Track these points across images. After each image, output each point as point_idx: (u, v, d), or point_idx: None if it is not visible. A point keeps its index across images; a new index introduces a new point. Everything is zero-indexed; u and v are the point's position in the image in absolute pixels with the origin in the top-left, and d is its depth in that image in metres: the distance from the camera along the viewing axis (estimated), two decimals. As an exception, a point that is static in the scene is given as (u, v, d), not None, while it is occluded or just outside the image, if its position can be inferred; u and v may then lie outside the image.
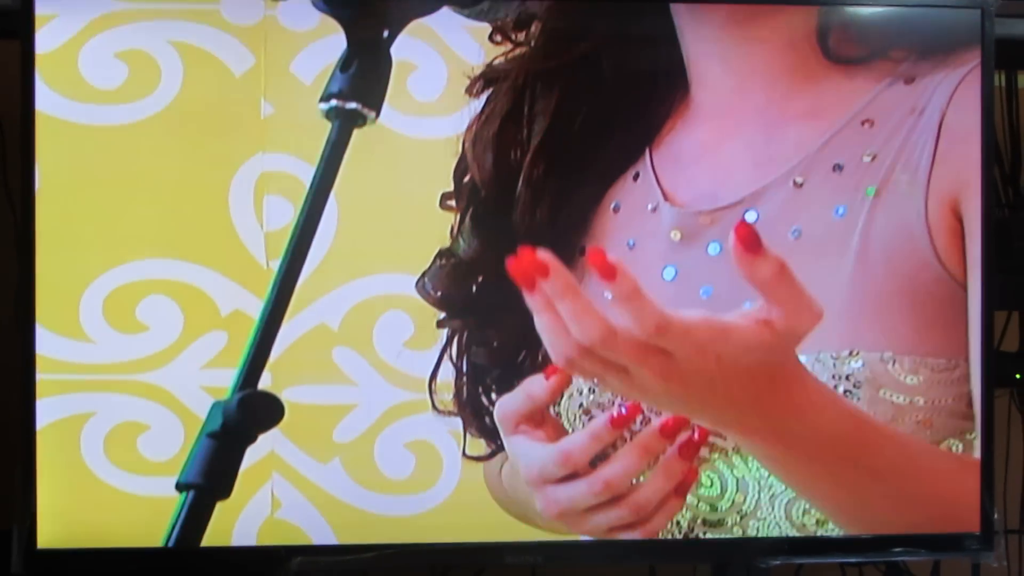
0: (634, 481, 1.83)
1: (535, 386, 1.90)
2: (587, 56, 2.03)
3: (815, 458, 1.74)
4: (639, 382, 1.57)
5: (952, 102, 1.99)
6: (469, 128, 2.03)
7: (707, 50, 2.02)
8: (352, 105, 1.34)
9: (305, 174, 1.96)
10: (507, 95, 2.03)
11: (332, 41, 1.83)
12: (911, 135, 1.99)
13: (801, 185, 2.01)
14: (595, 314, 1.50)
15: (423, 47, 2.00)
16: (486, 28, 2.00)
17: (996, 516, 2.10)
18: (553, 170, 2.03)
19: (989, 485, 2.08)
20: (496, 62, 2.03)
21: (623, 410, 1.83)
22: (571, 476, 1.83)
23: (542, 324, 1.53)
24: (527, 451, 1.86)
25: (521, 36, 2.02)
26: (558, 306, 1.52)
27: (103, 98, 2.01)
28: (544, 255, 1.47)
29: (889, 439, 1.88)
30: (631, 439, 1.85)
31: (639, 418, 1.89)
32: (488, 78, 2.03)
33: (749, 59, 2.00)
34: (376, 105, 1.34)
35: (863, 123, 2.00)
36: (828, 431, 1.72)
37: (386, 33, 1.38)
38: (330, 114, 1.32)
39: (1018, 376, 2.47)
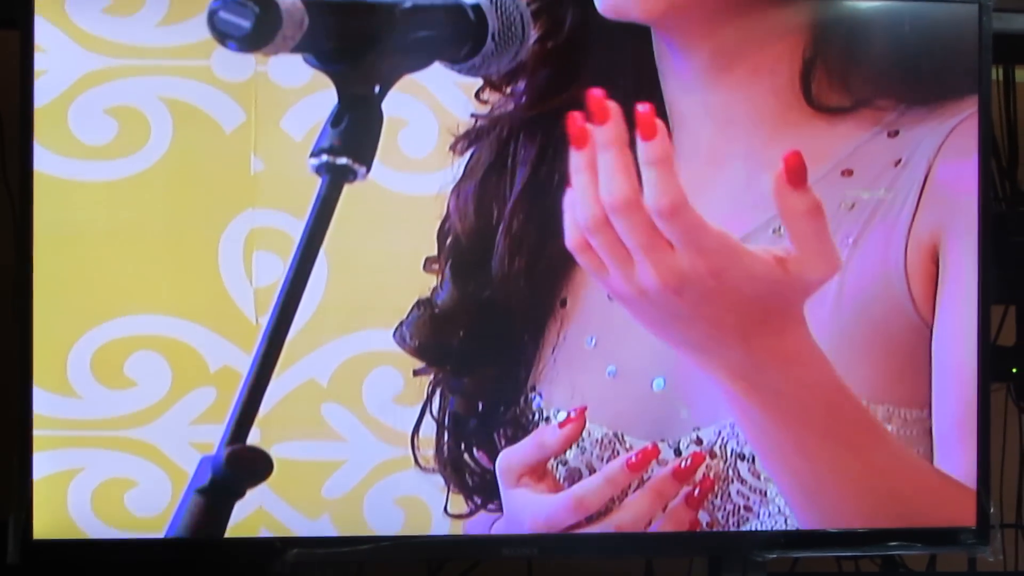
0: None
1: (547, 435, 1.90)
2: (569, 105, 2.03)
3: (786, 418, 1.72)
4: (638, 277, 1.56)
5: (940, 154, 1.99)
6: (455, 186, 2.03)
7: (688, 95, 2.01)
8: (343, 160, 1.33)
9: (295, 230, 1.95)
10: (491, 148, 2.03)
11: (323, 97, 1.83)
12: (893, 186, 1.99)
13: (780, 234, 2.01)
14: (630, 174, 1.51)
15: (414, 103, 2.01)
16: (478, 84, 2.01)
17: (992, 510, 2.09)
18: (533, 220, 2.03)
19: (985, 480, 2.08)
20: (480, 119, 2.03)
21: (634, 456, 1.83)
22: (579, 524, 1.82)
23: (578, 183, 1.56)
24: (532, 502, 1.85)
25: (508, 89, 2.02)
26: (601, 157, 1.53)
27: (93, 154, 2.01)
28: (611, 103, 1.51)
29: (867, 421, 1.87)
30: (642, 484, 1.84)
31: (653, 463, 1.88)
32: (472, 136, 2.03)
33: (731, 105, 2.00)
34: (367, 160, 1.34)
35: (843, 173, 2.00)
36: (807, 392, 1.70)
37: (377, 88, 1.37)
38: (320, 169, 1.32)
39: (1014, 370, 2.47)
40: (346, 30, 1.37)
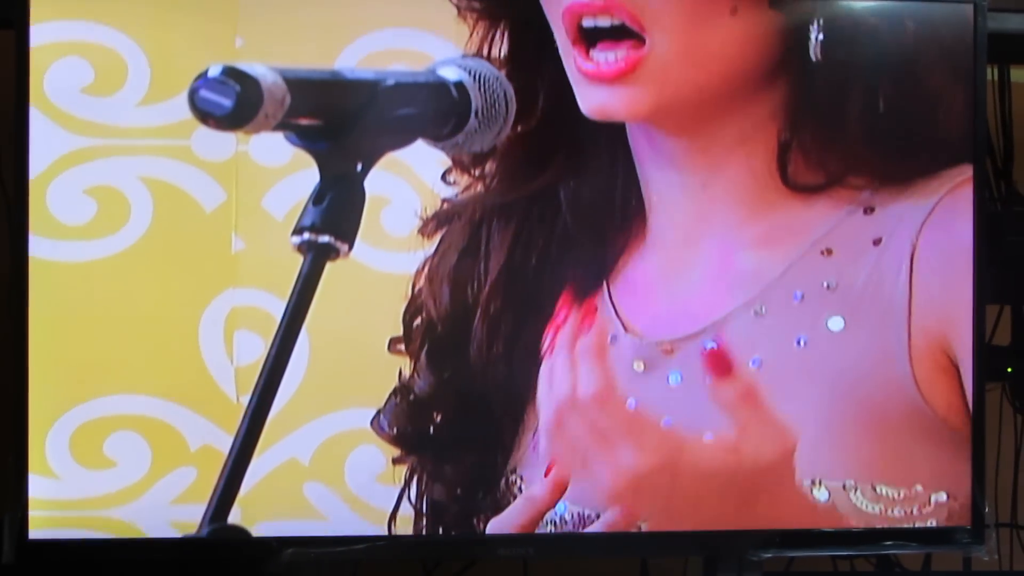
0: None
1: (534, 489, 1.90)
2: (544, 188, 2.03)
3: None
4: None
5: (923, 234, 1.99)
6: (421, 268, 2.03)
7: (665, 178, 2.02)
8: (325, 238, 1.33)
9: (276, 308, 1.96)
10: (463, 231, 2.03)
11: (305, 176, 1.82)
12: (877, 266, 2.00)
13: (761, 314, 2.01)
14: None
15: (397, 181, 2.01)
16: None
17: (987, 510, 2.08)
18: (510, 305, 2.03)
19: (980, 479, 2.07)
20: (449, 200, 2.03)
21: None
22: None
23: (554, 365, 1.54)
24: None
25: (478, 171, 2.02)
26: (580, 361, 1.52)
27: (72, 234, 2.00)
28: None
29: None
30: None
31: None
32: (442, 217, 2.03)
33: (708, 187, 2.01)
34: (349, 238, 1.34)
35: (822, 252, 2.01)
36: None
37: (360, 166, 1.38)
38: (302, 247, 1.32)
39: (1009, 370, 2.45)
40: (328, 108, 1.37)
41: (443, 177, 2.01)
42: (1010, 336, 2.51)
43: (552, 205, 2.03)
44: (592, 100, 1.93)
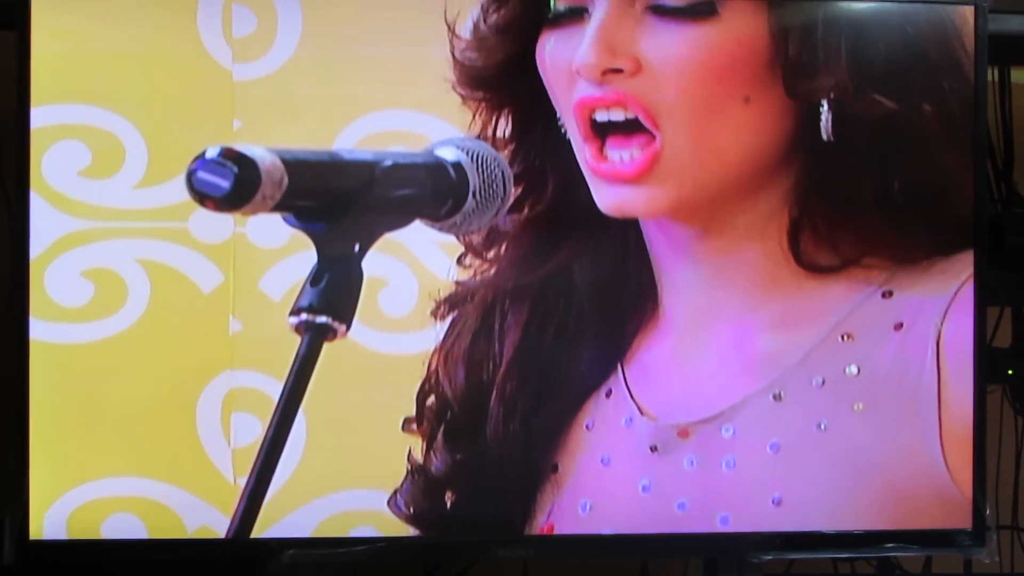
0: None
1: None
2: (558, 270, 2.03)
3: None
4: None
5: (948, 319, 1.97)
6: (436, 350, 2.02)
7: (677, 261, 2.02)
8: (322, 319, 1.32)
9: (274, 390, 1.95)
10: (477, 312, 2.03)
11: (302, 258, 1.84)
12: (901, 351, 1.98)
13: (781, 399, 2.00)
14: None
15: (394, 263, 2.01)
16: (458, 244, 2.02)
17: (988, 512, 2.07)
18: (526, 386, 2.02)
19: (981, 482, 2.05)
20: (462, 283, 2.03)
21: None
22: None
23: None
24: None
25: (491, 254, 2.02)
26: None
27: (70, 317, 2.00)
28: None
29: None
30: None
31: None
32: (454, 300, 2.03)
33: (720, 269, 2.00)
34: (347, 319, 1.33)
35: (842, 337, 2.00)
36: None
37: (357, 247, 1.37)
38: (300, 328, 1.31)
39: (1010, 372, 2.44)
40: (326, 189, 1.37)
41: (459, 260, 2.02)
42: (1011, 338, 2.50)
43: (567, 287, 2.03)
44: (609, 199, 1.94)
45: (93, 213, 2.00)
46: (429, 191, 1.46)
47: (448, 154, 1.50)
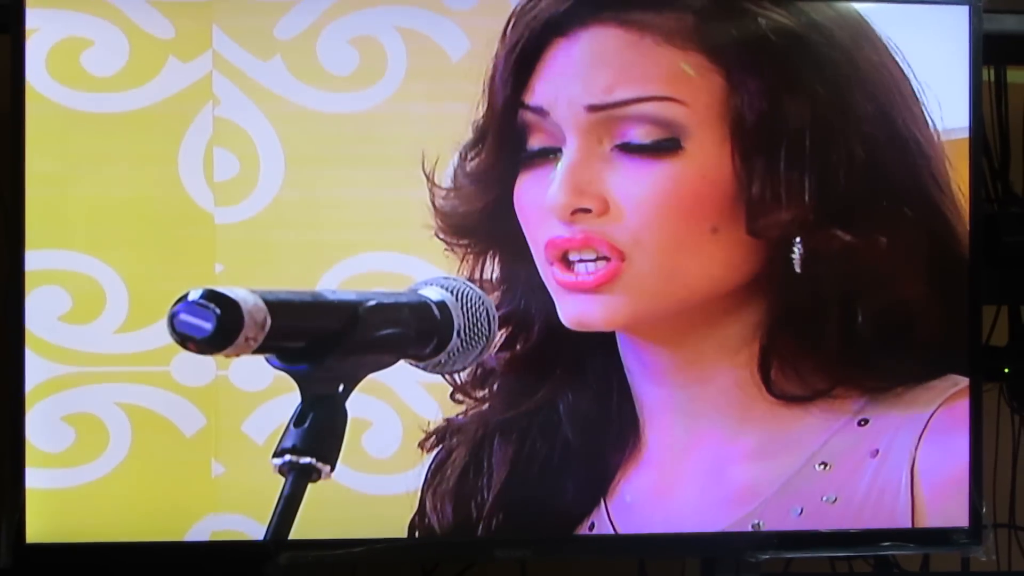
0: None
1: None
2: (544, 407, 2.02)
3: None
4: None
5: (921, 446, 1.97)
6: (426, 485, 2.01)
7: (656, 393, 2.01)
8: (306, 460, 1.31)
9: (256, 532, 1.93)
10: (466, 447, 2.02)
11: (285, 400, 1.83)
12: (876, 477, 1.97)
13: (760, 528, 1.99)
14: None
15: (378, 404, 2.00)
16: (443, 385, 2.01)
17: (984, 510, 2.05)
18: (512, 521, 2.00)
19: (978, 480, 2.04)
20: (452, 419, 2.02)
21: None
22: None
23: None
24: None
25: (480, 392, 2.02)
26: None
27: (51, 463, 1.98)
28: None
29: None
30: None
31: None
32: (443, 435, 2.02)
33: (697, 401, 2.00)
34: (331, 460, 1.32)
35: (819, 466, 1.99)
36: None
37: (341, 387, 1.36)
38: (283, 469, 1.29)
39: (1006, 371, 2.42)
40: (309, 330, 1.36)
41: (452, 396, 2.01)
42: (1007, 336, 2.49)
43: (553, 422, 2.02)
44: (570, 310, 1.93)
45: (74, 358, 1.99)
46: (413, 331, 1.45)
47: (432, 293, 1.49)
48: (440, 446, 2.02)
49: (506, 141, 1.95)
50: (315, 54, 2.02)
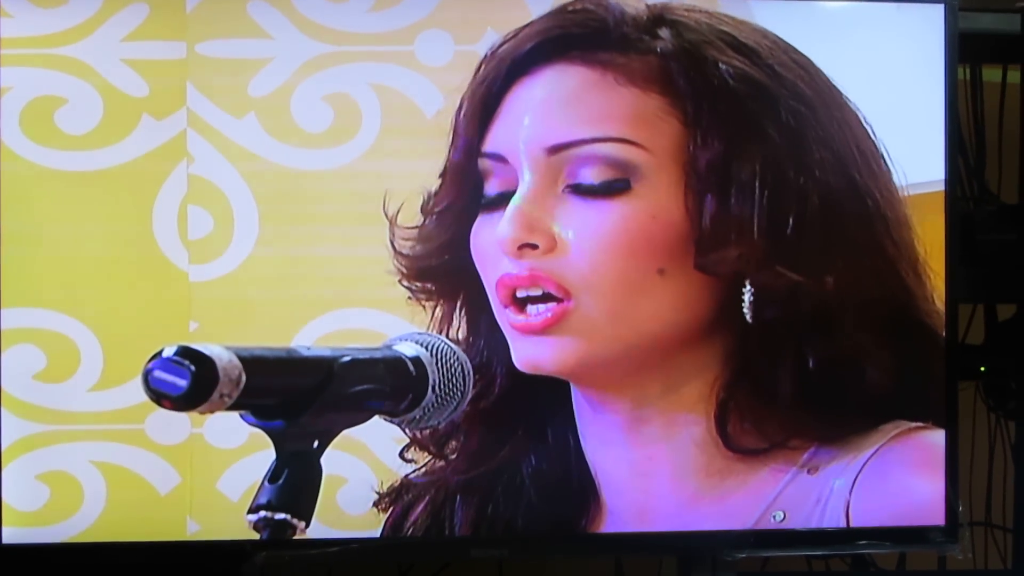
0: None
1: None
2: (504, 466, 2.01)
3: None
4: None
5: (855, 490, 1.96)
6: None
7: (610, 455, 1.99)
8: (281, 516, 1.31)
9: (231, 591, 1.93)
10: (427, 509, 2.01)
11: (260, 458, 1.82)
12: (821, 523, 1.98)
13: None
14: None
15: (353, 460, 1.99)
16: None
17: (961, 508, 2.05)
18: None
19: (954, 479, 2.03)
20: (411, 478, 2.02)
21: None
22: None
23: None
24: None
25: (441, 448, 2.00)
26: None
27: (24, 521, 1.98)
28: None
29: None
30: None
31: None
32: (402, 494, 2.02)
33: (652, 461, 1.97)
34: (306, 516, 1.32)
35: (776, 515, 1.99)
36: None
37: (316, 443, 1.36)
38: (258, 525, 1.29)
39: (983, 369, 2.42)
40: (284, 386, 1.36)
41: (401, 454, 2.00)
42: (983, 335, 2.49)
43: (515, 481, 2.01)
44: (522, 352, 1.91)
45: (48, 417, 1.99)
46: (388, 386, 1.45)
47: (407, 349, 1.49)
48: (396, 505, 2.01)
49: (466, 182, 1.94)
50: (289, 111, 2.03)
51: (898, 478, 2.01)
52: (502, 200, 1.91)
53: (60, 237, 2.01)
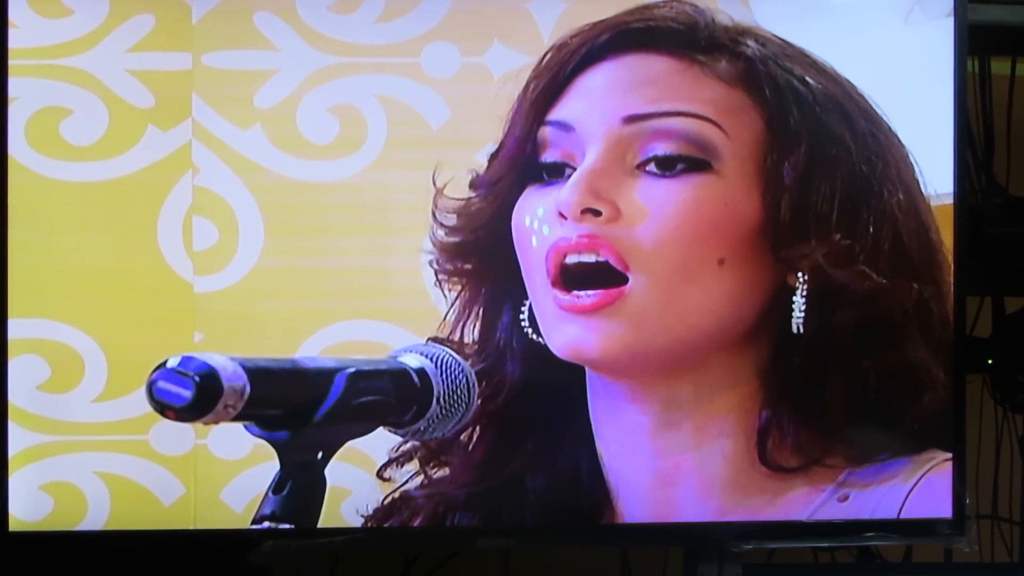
0: None
1: None
2: (511, 479, 2.00)
3: None
4: None
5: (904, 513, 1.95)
6: None
7: (632, 462, 1.96)
8: (285, 527, 1.31)
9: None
10: (428, 522, 2.00)
11: (264, 469, 1.82)
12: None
13: None
14: None
15: (358, 473, 1.99)
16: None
17: (968, 501, 2.03)
18: None
19: (961, 471, 2.02)
20: (409, 492, 2.00)
21: None
22: None
23: None
24: None
25: (443, 460, 2.00)
26: None
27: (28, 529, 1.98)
28: None
29: None
30: None
31: None
32: (393, 509, 2.00)
33: (676, 470, 1.95)
34: (310, 526, 1.32)
35: None
36: None
37: (320, 455, 1.36)
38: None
39: (990, 362, 2.40)
40: (288, 397, 1.36)
41: (378, 473, 1.99)
42: (991, 328, 2.48)
43: (520, 497, 1.99)
44: (565, 336, 1.87)
45: (52, 427, 1.99)
46: (393, 398, 1.45)
47: (412, 361, 1.50)
48: (391, 521, 2.00)
49: (521, 155, 1.91)
50: (295, 123, 2.03)
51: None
52: (558, 170, 1.88)
53: (65, 248, 2.01)
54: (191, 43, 2.02)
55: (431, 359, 1.50)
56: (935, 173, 2.02)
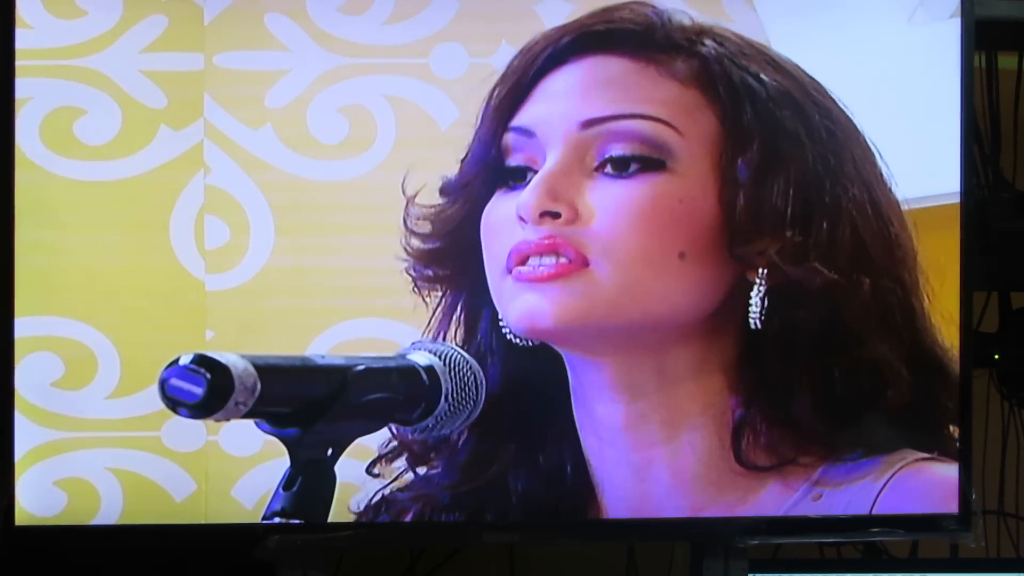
0: None
1: None
2: (493, 483, 2.00)
3: None
4: None
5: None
6: None
7: (610, 457, 1.96)
8: (295, 523, 1.33)
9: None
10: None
11: (275, 465, 1.83)
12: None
13: None
14: None
15: (362, 467, 2.01)
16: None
17: (974, 496, 2.04)
18: None
19: (967, 467, 2.02)
20: (393, 494, 2.01)
21: None
22: None
23: None
24: None
25: (427, 461, 2.00)
26: None
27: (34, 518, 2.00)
28: None
29: None
30: None
31: None
32: (379, 510, 2.01)
33: (652, 463, 1.94)
34: (320, 522, 1.34)
35: None
36: None
37: (330, 452, 1.38)
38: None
39: (997, 356, 2.42)
40: (299, 395, 1.37)
41: (368, 469, 2.00)
42: (997, 323, 2.49)
43: (502, 497, 1.99)
44: (520, 306, 1.87)
45: (66, 424, 2.00)
46: (401, 395, 1.47)
47: (420, 358, 1.51)
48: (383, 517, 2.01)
49: (487, 159, 1.93)
50: (305, 123, 2.04)
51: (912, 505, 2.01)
52: (522, 175, 1.90)
53: (78, 246, 2.02)
54: (203, 44, 2.04)
55: (440, 356, 1.52)
56: (941, 169, 2.03)
